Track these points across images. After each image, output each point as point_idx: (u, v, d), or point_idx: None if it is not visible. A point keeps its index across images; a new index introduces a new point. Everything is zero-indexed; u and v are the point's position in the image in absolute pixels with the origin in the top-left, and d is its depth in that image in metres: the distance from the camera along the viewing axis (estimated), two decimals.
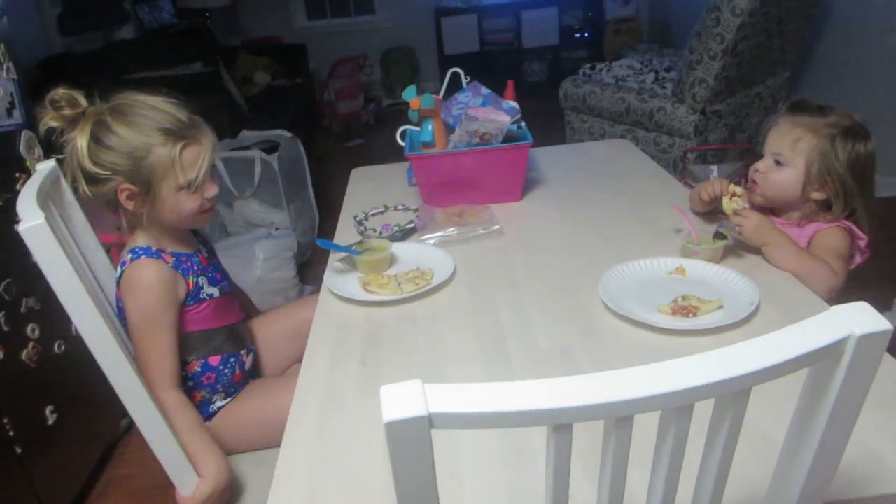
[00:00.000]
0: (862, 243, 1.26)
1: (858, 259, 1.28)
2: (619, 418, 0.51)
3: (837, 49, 3.38)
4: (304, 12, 5.85)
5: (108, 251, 1.96)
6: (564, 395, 0.49)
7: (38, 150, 1.84)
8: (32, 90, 1.93)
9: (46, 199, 1.11)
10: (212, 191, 1.20)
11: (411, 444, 0.49)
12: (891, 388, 0.88)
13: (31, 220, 0.97)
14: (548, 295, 1.22)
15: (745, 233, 1.22)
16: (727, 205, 1.26)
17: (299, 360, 1.13)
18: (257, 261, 2.63)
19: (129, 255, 1.19)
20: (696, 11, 2.80)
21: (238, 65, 4.55)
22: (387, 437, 0.48)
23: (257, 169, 2.87)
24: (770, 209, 1.34)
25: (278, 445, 0.92)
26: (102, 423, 1.97)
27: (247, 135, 3.08)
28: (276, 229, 2.89)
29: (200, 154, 1.16)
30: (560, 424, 0.50)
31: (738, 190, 1.26)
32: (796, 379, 0.56)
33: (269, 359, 1.46)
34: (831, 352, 0.52)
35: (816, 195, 1.26)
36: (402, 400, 0.48)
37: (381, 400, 0.49)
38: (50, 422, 1.68)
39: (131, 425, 2.06)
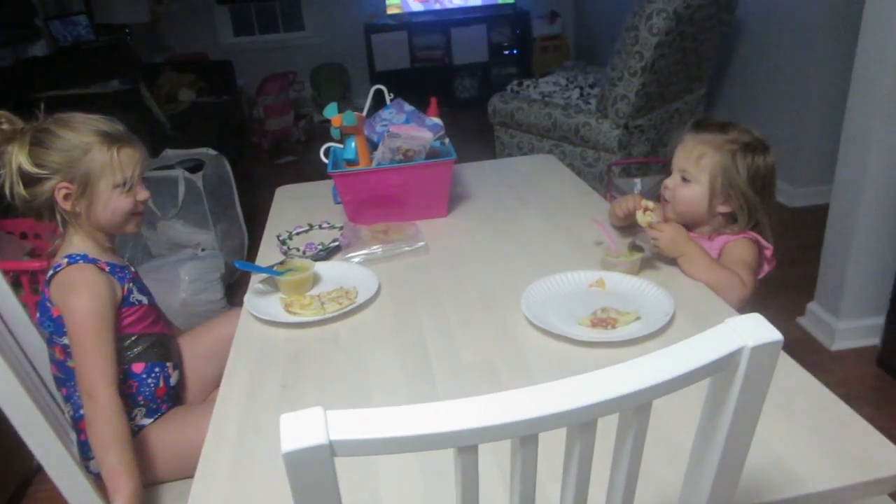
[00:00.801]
0: (768, 252, 1.31)
1: (766, 268, 1.33)
2: (523, 437, 0.50)
3: (750, 66, 3.56)
4: (230, 28, 5.76)
5: (15, 279, 1.85)
6: (467, 417, 0.48)
7: None
8: None
9: None
10: (143, 195, 1.28)
11: (313, 474, 0.48)
12: (795, 395, 0.92)
13: None
14: (472, 311, 1.22)
15: (660, 245, 1.26)
16: (641, 218, 1.29)
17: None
18: (182, 283, 2.55)
19: (66, 259, 1.21)
20: (619, 30, 2.90)
21: (161, 82, 4.42)
22: (286, 468, 0.47)
23: (181, 189, 2.78)
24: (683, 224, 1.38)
25: None
26: (12, 461, 1.85)
27: (169, 154, 2.99)
28: (203, 250, 2.81)
29: (134, 156, 1.25)
30: (464, 446, 0.50)
31: (650, 204, 1.30)
32: (706, 387, 0.57)
33: (192, 380, 1.43)
34: (727, 363, 0.53)
35: (722, 209, 1.31)
36: (302, 428, 0.47)
37: (281, 429, 0.47)
38: None
39: None
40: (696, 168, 1.29)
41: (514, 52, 5.79)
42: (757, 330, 0.54)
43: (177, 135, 3.62)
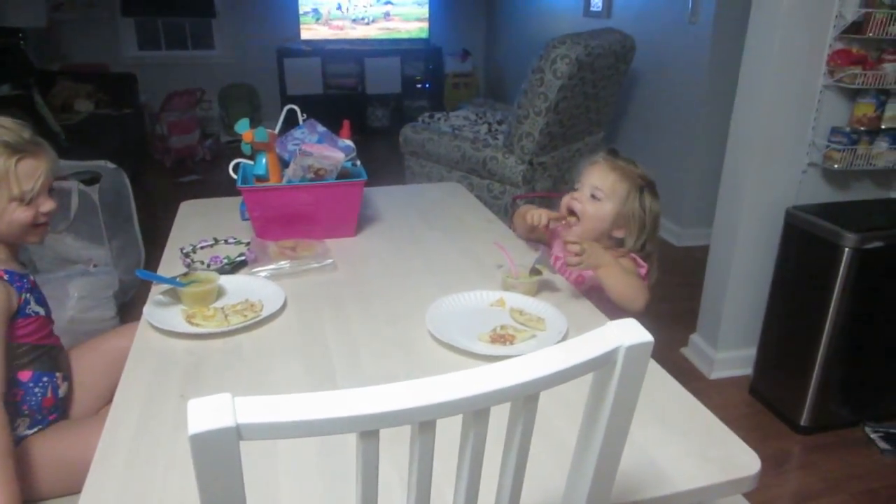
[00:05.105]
0: (642, 271, 1.44)
1: None
2: (422, 423, 0.54)
3: (643, 115, 3.84)
4: (134, 41, 5.58)
5: None
6: (369, 402, 0.51)
7: None
8: None
9: None
10: (47, 206, 1.24)
11: (219, 457, 0.49)
12: (668, 405, 1.01)
13: None
14: (377, 326, 1.25)
15: (585, 259, 1.28)
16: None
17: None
18: (70, 300, 2.42)
19: None
20: (526, 71, 3.06)
21: (56, 91, 4.22)
22: (192, 450, 0.48)
23: (74, 201, 2.66)
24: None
25: None
26: None
27: (63, 164, 2.85)
28: (95, 266, 2.68)
29: (38, 168, 1.21)
30: (366, 431, 0.53)
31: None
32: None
33: (83, 394, 1.37)
34: (606, 360, 0.59)
35: (617, 233, 1.45)
36: (210, 412, 0.48)
37: (189, 412, 0.48)
38: None
39: None
40: (611, 190, 1.43)
41: (427, 86, 5.94)
42: (632, 332, 0.60)
43: (72, 146, 3.45)
